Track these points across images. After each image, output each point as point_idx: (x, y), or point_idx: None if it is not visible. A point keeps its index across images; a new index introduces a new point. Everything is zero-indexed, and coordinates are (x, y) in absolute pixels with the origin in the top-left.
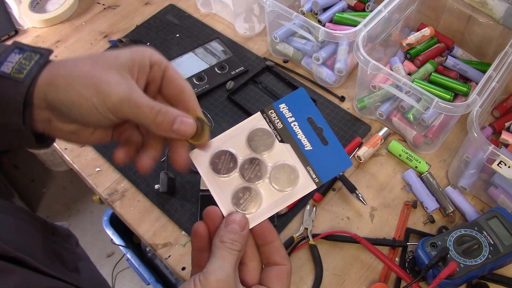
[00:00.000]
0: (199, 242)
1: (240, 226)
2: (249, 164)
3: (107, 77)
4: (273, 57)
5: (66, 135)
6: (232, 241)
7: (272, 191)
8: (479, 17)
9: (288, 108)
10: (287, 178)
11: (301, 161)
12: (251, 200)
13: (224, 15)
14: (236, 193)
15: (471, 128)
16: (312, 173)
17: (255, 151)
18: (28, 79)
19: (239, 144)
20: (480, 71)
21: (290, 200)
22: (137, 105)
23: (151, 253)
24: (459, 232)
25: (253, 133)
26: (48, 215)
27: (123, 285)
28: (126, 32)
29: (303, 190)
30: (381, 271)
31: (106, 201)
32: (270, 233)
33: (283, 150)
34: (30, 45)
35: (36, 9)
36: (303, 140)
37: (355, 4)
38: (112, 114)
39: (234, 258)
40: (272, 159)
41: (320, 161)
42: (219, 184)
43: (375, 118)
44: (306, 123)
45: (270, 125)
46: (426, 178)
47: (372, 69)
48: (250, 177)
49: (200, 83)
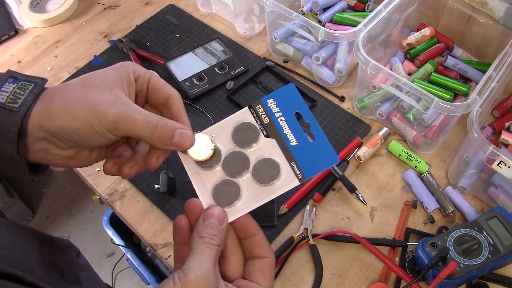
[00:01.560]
0: (181, 236)
1: (218, 220)
2: (232, 158)
3: (101, 98)
4: (273, 57)
5: (64, 161)
6: (211, 236)
7: (253, 186)
8: (479, 17)
9: (276, 103)
10: (269, 173)
11: (285, 156)
12: (231, 194)
13: (224, 15)
14: (217, 187)
15: (471, 128)
16: (296, 169)
17: (239, 145)
18: (23, 108)
19: (224, 137)
20: (480, 71)
21: (271, 195)
22: (133, 121)
23: (151, 253)
24: (459, 232)
25: (238, 128)
26: (48, 215)
27: (123, 285)
28: (126, 32)
29: (285, 186)
30: (381, 271)
31: (106, 201)
32: (251, 227)
33: (268, 145)
34: (24, 74)
35: (36, 9)
36: (289, 135)
37: (355, 4)
38: (110, 133)
39: (213, 253)
40: (256, 153)
41: (305, 157)
42: (201, 177)
43: (375, 118)
44: (293, 119)
45: (257, 120)
46: (426, 178)
47: (372, 69)
48: (232, 171)
49: (200, 83)
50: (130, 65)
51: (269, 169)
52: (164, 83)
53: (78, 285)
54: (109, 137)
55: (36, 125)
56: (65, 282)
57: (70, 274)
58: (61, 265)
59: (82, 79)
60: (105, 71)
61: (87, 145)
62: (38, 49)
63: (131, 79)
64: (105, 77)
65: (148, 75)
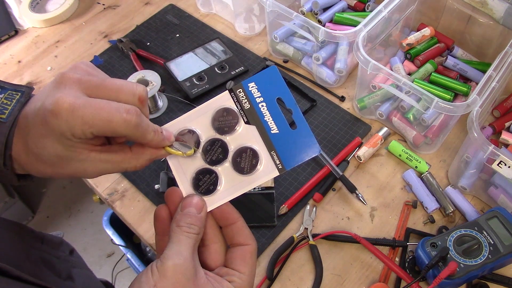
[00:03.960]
0: (161, 225)
1: (196, 209)
2: (212, 145)
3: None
4: (273, 57)
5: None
6: (189, 225)
7: (233, 175)
8: (479, 17)
9: (257, 87)
10: (248, 162)
11: (265, 145)
12: (210, 183)
13: (224, 15)
14: (196, 175)
15: (471, 128)
16: (276, 158)
17: (219, 132)
18: (11, 119)
19: (204, 123)
20: (480, 71)
21: (250, 185)
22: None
23: (151, 253)
24: (459, 232)
25: (218, 113)
26: (48, 215)
27: (123, 285)
28: (126, 32)
29: (264, 176)
30: (381, 271)
31: (106, 201)
32: (231, 215)
33: (248, 132)
34: (10, 83)
35: (36, 9)
36: (270, 123)
37: (355, 4)
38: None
39: (191, 241)
40: (235, 141)
41: (286, 147)
42: (181, 164)
43: (375, 118)
44: (275, 104)
45: (237, 105)
46: (426, 178)
47: (372, 69)
48: (212, 159)
49: (200, 83)
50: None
51: (249, 158)
52: None
53: (70, 281)
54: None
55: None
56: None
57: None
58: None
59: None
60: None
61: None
62: (38, 49)
63: None
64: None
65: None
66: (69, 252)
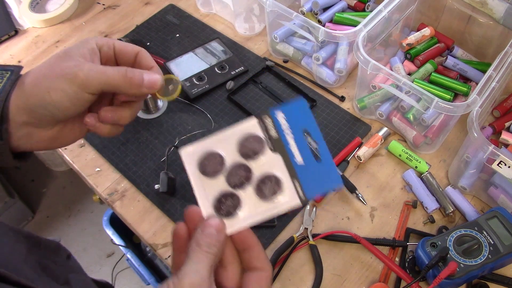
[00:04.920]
0: (179, 243)
1: (217, 231)
2: (236, 169)
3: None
4: (273, 57)
5: (48, 143)
6: (209, 245)
7: (254, 200)
8: (479, 17)
9: (285, 117)
10: (271, 189)
11: (289, 174)
12: (232, 207)
13: (224, 15)
14: (218, 197)
15: (471, 128)
16: (299, 187)
17: (245, 157)
18: (3, 94)
19: (230, 147)
20: (480, 71)
21: (271, 212)
22: (104, 72)
23: (151, 253)
24: (459, 232)
25: (245, 139)
26: (48, 215)
27: (123, 285)
28: (126, 32)
29: (286, 204)
30: (381, 271)
31: (106, 201)
32: (250, 239)
33: (273, 160)
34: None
35: (36, 9)
36: (295, 153)
37: (355, 4)
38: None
39: (209, 261)
40: (260, 167)
41: (309, 177)
42: (204, 186)
43: (375, 118)
44: (301, 136)
45: (264, 133)
46: (426, 178)
47: (372, 69)
48: (236, 183)
49: (200, 83)
50: (92, 38)
51: (272, 185)
52: (129, 44)
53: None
54: (83, 96)
55: (15, 108)
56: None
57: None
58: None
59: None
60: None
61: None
62: (38, 49)
63: (94, 48)
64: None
65: (112, 41)
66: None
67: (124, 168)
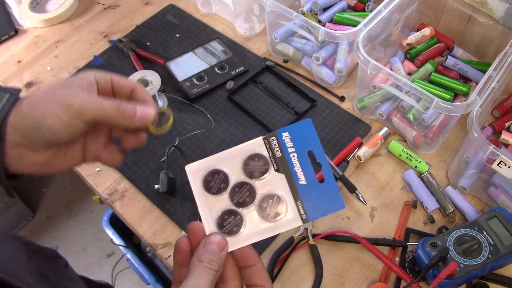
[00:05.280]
0: (181, 257)
1: (219, 248)
2: (240, 187)
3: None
4: (273, 57)
5: (38, 167)
6: (210, 261)
7: (257, 220)
8: (479, 17)
9: (290, 137)
10: (274, 209)
11: (292, 194)
12: (234, 225)
13: (224, 15)
14: (221, 215)
15: (471, 128)
16: (301, 208)
17: (249, 176)
18: (1, 115)
19: (235, 166)
20: (480, 71)
21: (273, 231)
22: (98, 103)
23: (151, 253)
24: (459, 232)
25: (250, 158)
26: (48, 215)
27: (123, 285)
28: (126, 32)
29: (288, 225)
30: (381, 271)
31: (106, 201)
32: (252, 257)
33: (277, 180)
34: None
35: (36, 9)
36: (299, 173)
37: (355, 4)
38: (78, 119)
39: (210, 277)
40: (264, 186)
41: (312, 198)
42: (208, 202)
43: (375, 118)
44: (306, 156)
45: (269, 152)
46: (426, 178)
47: (372, 69)
48: (239, 201)
49: (200, 83)
50: (91, 72)
51: (274, 205)
52: (125, 79)
53: None
54: (77, 123)
55: (10, 128)
56: None
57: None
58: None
59: (47, 87)
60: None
61: (58, 139)
62: (38, 49)
63: (92, 82)
64: (66, 82)
65: (109, 76)
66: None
67: (124, 168)
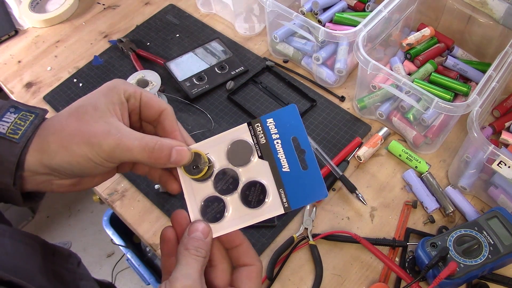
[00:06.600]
0: (168, 247)
1: (203, 234)
2: (223, 174)
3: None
4: (273, 57)
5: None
6: (196, 248)
7: (239, 207)
8: (479, 17)
9: (275, 124)
10: (256, 196)
11: (275, 181)
12: (218, 211)
13: (224, 15)
14: (205, 201)
15: (471, 128)
16: (284, 196)
17: (233, 163)
18: (23, 140)
19: (219, 152)
20: (480, 71)
21: (255, 219)
22: (129, 149)
23: (151, 253)
24: (459, 232)
25: (234, 144)
26: (48, 215)
27: (123, 285)
28: (126, 32)
29: (269, 212)
30: (381, 271)
31: (106, 201)
32: (237, 237)
33: (260, 167)
34: (25, 104)
35: (36, 9)
36: (282, 160)
37: (355, 4)
38: (108, 162)
39: (199, 264)
40: (247, 174)
41: (295, 186)
42: (193, 189)
43: (375, 118)
44: (290, 143)
45: (254, 139)
46: (426, 178)
47: (372, 69)
48: (222, 188)
49: (200, 83)
50: (120, 85)
51: (257, 193)
52: (156, 98)
53: None
54: (108, 165)
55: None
56: None
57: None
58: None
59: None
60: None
61: (89, 175)
62: (38, 49)
63: (123, 101)
64: (95, 105)
65: (139, 92)
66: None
67: None
